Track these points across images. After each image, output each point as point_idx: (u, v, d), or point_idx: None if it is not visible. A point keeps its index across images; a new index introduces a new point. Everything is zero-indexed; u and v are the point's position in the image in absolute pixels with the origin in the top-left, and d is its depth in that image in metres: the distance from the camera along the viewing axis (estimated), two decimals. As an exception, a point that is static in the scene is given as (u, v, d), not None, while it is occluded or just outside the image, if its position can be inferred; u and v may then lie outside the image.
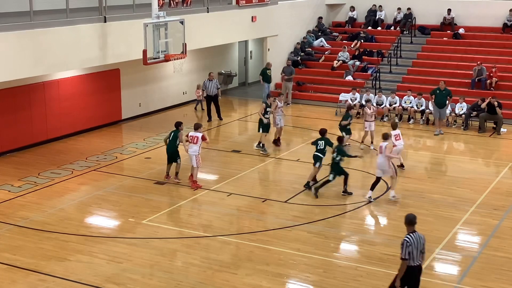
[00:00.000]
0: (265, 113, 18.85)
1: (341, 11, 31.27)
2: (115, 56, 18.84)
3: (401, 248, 9.43)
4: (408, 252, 9.34)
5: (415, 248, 9.38)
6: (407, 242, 9.35)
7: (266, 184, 16.98)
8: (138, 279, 11.37)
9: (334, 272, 11.73)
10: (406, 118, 23.27)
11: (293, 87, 26.46)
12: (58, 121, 20.14)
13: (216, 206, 15.00)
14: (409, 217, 9.60)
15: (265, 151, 18.89)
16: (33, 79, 18.59)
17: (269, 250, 12.59)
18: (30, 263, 11.89)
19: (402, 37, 28.19)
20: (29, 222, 13.86)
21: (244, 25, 24.93)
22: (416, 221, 9.66)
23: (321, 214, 14.52)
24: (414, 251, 9.38)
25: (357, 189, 16.27)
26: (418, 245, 9.42)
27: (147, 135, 21.00)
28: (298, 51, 28.36)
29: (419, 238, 9.46)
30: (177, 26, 18.58)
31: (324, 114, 24.32)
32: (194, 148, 15.80)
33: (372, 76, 26.18)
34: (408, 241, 9.35)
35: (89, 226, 13.79)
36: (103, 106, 21.80)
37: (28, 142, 19.26)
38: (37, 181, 16.50)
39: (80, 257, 12.22)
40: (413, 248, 9.36)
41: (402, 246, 9.41)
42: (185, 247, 12.75)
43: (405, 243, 9.36)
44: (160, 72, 23.88)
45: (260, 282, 11.30)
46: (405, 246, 9.36)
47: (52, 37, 16.71)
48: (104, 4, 18.22)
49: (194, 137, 15.85)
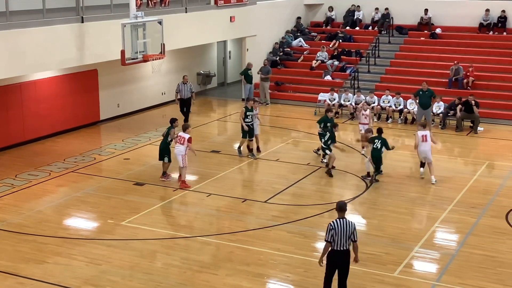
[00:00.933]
0: (245, 117, 18.46)
1: (320, 11, 31.38)
2: (92, 56, 18.71)
3: (326, 230, 9.91)
4: (331, 235, 9.79)
5: (339, 233, 9.77)
6: (330, 226, 9.83)
7: (245, 184, 16.99)
8: (118, 281, 11.30)
9: (315, 271, 11.73)
10: (384, 118, 23.42)
11: (272, 87, 26.49)
12: (35, 122, 19.95)
13: (195, 207, 14.97)
14: (339, 204, 10.11)
15: (252, 155, 18.61)
16: (10, 80, 18.39)
17: (249, 250, 12.59)
18: (8, 266, 11.76)
19: (380, 37, 28.38)
20: (6, 224, 13.71)
21: (223, 25, 24.90)
22: (346, 208, 10.17)
23: (300, 213, 14.55)
24: (337, 236, 9.77)
25: (337, 189, 16.35)
26: (345, 232, 9.80)
27: (126, 136, 20.88)
28: (277, 51, 28.40)
29: (347, 225, 9.85)
30: (156, 27, 18.52)
31: (303, 114, 24.39)
32: (180, 148, 15.78)
33: (351, 76, 26.31)
34: (332, 225, 9.83)
35: (67, 228, 13.67)
36: (81, 107, 21.64)
37: (5, 143, 19.06)
38: (14, 183, 16.33)
39: (59, 259, 12.12)
40: (336, 233, 9.76)
41: (327, 229, 9.89)
42: (164, 248, 12.70)
43: (329, 226, 9.85)
44: (139, 72, 23.77)
45: (241, 282, 11.29)
46: (328, 230, 9.85)
47: (29, 37, 16.55)
48: (81, 4, 18.09)
49: (181, 138, 15.84)
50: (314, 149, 18.80)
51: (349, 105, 23.87)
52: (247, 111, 18.43)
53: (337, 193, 16.05)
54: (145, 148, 19.59)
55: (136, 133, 20.88)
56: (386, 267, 11.87)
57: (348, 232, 9.85)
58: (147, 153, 18.99)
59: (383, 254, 12.41)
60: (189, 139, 15.80)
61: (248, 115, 18.40)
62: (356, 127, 22.79)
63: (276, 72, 27.13)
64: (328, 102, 24.14)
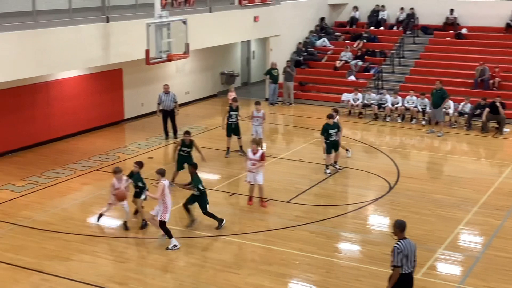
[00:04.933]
0: (229, 117, 18.48)
1: (344, 11, 31.28)
2: (117, 56, 18.85)
3: (392, 255, 9.11)
4: (400, 258, 9.00)
5: (405, 255, 9.03)
6: (397, 249, 9.01)
7: (268, 184, 16.95)
8: (141, 279, 11.38)
9: (337, 272, 11.73)
10: (408, 118, 23.26)
11: (296, 87, 26.47)
12: (61, 121, 20.17)
13: (218, 206, 15.00)
14: (401, 223, 9.24)
15: (242, 152, 18.57)
16: (36, 79, 18.62)
17: (272, 250, 12.60)
18: (33, 263, 11.91)
19: (405, 37, 28.19)
20: (32, 221, 13.88)
21: (247, 25, 24.93)
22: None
23: (323, 214, 14.52)
24: (405, 258, 9.03)
25: (360, 189, 16.30)
26: (409, 253, 9.08)
27: (150, 135, 21.01)
28: (301, 51, 28.37)
29: (410, 245, 9.14)
30: (180, 26, 18.58)
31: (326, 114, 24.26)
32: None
33: (375, 76, 26.18)
34: (398, 247, 9.02)
35: (91, 226, 13.79)
36: (105, 106, 21.83)
37: (31, 142, 19.30)
38: (40, 181, 16.53)
39: (83, 256, 12.24)
40: (404, 255, 9.01)
41: (393, 253, 9.07)
42: (187, 247, 12.75)
43: (396, 249, 9.02)
44: (163, 72, 23.90)
45: (263, 282, 11.30)
46: (396, 253, 9.02)
47: (55, 37, 16.72)
48: (106, 4, 18.24)
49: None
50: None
51: (373, 106, 23.76)
52: (231, 110, 18.54)
53: (359, 193, 15.99)
54: (169, 147, 19.69)
55: (160, 132, 20.98)
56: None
57: (411, 252, 9.12)
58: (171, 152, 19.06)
59: (406, 255, 12.32)
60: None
61: (232, 114, 18.51)
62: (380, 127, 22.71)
63: (300, 72, 27.09)
64: (352, 102, 24.06)
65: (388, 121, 23.28)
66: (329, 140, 17.08)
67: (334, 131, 17.07)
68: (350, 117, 23.95)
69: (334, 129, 17.09)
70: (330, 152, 17.21)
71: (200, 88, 26.74)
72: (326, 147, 17.14)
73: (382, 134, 22.25)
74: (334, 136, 17.09)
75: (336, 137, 17.12)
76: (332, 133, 17.04)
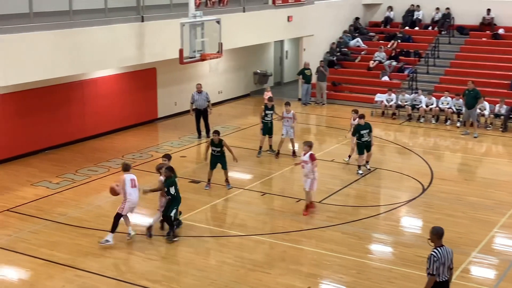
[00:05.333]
0: (265, 116, 18.60)
1: (378, 11, 31.06)
2: (151, 55, 19.01)
3: (427, 262, 8.92)
4: (436, 267, 8.78)
5: (442, 264, 8.80)
6: (434, 257, 8.79)
7: (300, 184, 16.92)
8: (173, 277, 11.47)
9: (368, 273, 11.66)
10: (443, 120, 23.01)
11: (329, 87, 26.38)
12: (95, 119, 20.43)
13: (250, 206, 15.04)
14: (439, 230, 8.98)
15: (272, 151, 18.84)
16: (72, 77, 18.89)
17: (303, 250, 12.58)
18: (67, 259, 12.08)
19: (440, 37, 27.87)
20: (66, 218, 14.08)
21: (280, 25, 24.92)
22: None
23: (355, 215, 14.44)
24: (441, 266, 8.81)
25: (392, 191, 16.17)
26: (446, 260, 8.86)
27: (182, 133, 21.15)
28: (334, 51, 28.25)
29: (447, 253, 8.91)
30: (214, 26, 18.66)
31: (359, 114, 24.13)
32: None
33: (409, 76, 25.94)
34: (435, 255, 8.79)
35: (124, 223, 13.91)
36: (139, 105, 22.04)
37: (66, 139, 19.58)
38: (74, 178, 16.76)
39: (116, 253, 12.37)
40: (440, 263, 8.79)
41: (429, 260, 8.88)
42: (219, 246, 12.81)
43: (432, 257, 8.80)
44: (196, 71, 24.03)
45: (293, 282, 11.29)
46: (432, 261, 8.79)
47: (91, 36, 16.93)
48: (141, 4, 18.41)
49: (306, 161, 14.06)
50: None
51: (407, 106, 23.54)
52: (266, 109, 18.62)
53: (392, 194, 15.87)
54: (202, 146, 19.79)
55: (192, 131, 21.08)
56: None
57: (448, 260, 8.91)
58: (203, 151, 19.16)
59: (439, 258, 12.19)
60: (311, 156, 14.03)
61: (268, 113, 18.58)
62: (414, 128, 22.51)
63: (333, 72, 26.99)
64: (385, 103, 23.88)
65: (422, 122, 23.05)
66: (361, 141, 17.00)
67: (366, 131, 16.98)
68: (383, 118, 23.78)
69: (366, 129, 16.99)
70: (362, 153, 17.12)
71: (233, 88, 26.82)
72: (358, 147, 17.07)
73: (416, 135, 22.04)
74: (366, 137, 16.99)
75: (368, 137, 17.02)
76: (364, 134, 16.96)
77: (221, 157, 15.84)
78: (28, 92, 18.02)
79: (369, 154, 17.32)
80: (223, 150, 15.83)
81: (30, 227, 13.55)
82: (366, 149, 17.16)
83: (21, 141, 18.22)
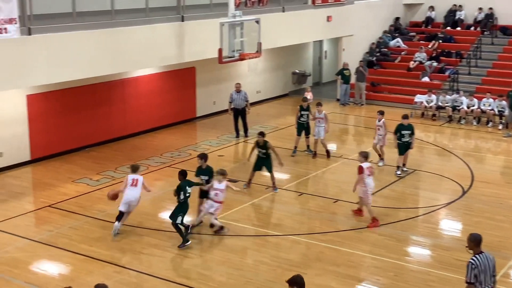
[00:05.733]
0: (300, 116, 18.63)
1: (419, 11, 30.72)
2: (191, 54, 19.15)
3: (466, 270, 8.64)
4: (474, 275, 8.46)
5: (482, 272, 8.48)
6: (472, 264, 8.49)
7: (338, 184, 16.88)
8: (210, 275, 11.54)
9: (406, 276, 11.55)
10: (484, 121, 22.64)
11: (368, 87, 26.19)
12: (135, 118, 20.69)
13: (287, 206, 15.04)
14: (476, 237, 8.65)
15: (310, 152, 18.84)
16: (112, 76, 19.18)
17: (340, 251, 12.53)
18: (106, 255, 12.26)
19: (483, 37, 27.42)
20: (106, 215, 14.28)
21: (320, 25, 24.84)
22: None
23: (393, 216, 14.32)
24: (481, 275, 8.48)
25: (431, 193, 15.99)
26: (486, 268, 8.53)
27: (221, 133, 21.25)
28: (374, 51, 28.04)
29: (488, 260, 8.58)
30: (253, 26, 18.70)
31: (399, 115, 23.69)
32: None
33: (450, 77, 25.58)
34: (473, 263, 8.48)
35: (163, 221, 14.07)
36: (178, 104, 22.24)
37: (107, 137, 19.88)
38: (114, 175, 16.99)
39: (154, 251, 12.50)
40: (479, 271, 8.47)
41: (467, 268, 8.63)
42: (255, 245, 12.84)
43: (470, 265, 8.50)
44: (235, 71, 24.12)
45: (330, 283, 11.26)
46: (470, 269, 8.49)
47: (132, 35, 17.14)
48: (182, 4, 18.56)
49: (371, 168, 13.84)
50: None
51: (447, 108, 23.24)
52: (301, 110, 18.65)
53: (431, 197, 15.69)
54: (239, 145, 19.86)
55: (231, 131, 21.17)
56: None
57: (489, 268, 8.58)
58: (240, 151, 19.26)
59: (479, 262, 12.00)
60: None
61: (303, 114, 18.60)
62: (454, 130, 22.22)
63: (372, 72, 26.79)
64: (425, 104, 23.62)
65: (462, 124, 22.74)
66: (401, 141, 16.85)
67: (408, 132, 16.81)
68: (423, 119, 23.51)
69: (408, 130, 16.83)
70: (403, 153, 16.96)
71: (271, 88, 26.84)
72: (399, 148, 16.93)
73: (456, 137, 21.74)
74: (407, 137, 16.83)
75: (409, 138, 16.85)
76: (404, 134, 16.80)
77: (267, 159, 15.77)
78: (70, 90, 18.35)
79: (405, 156, 17.13)
80: (268, 152, 15.79)
81: (71, 223, 13.80)
82: (406, 150, 17.00)
83: (63, 138, 18.57)
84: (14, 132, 17.40)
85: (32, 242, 12.86)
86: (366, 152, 13.95)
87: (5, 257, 12.15)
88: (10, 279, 11.29)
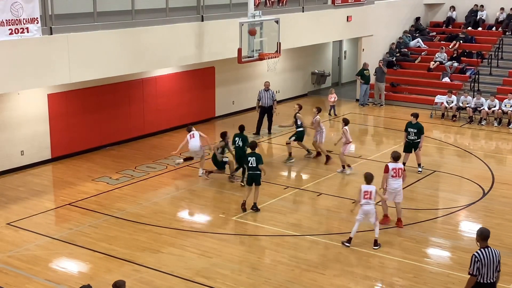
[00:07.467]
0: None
1: (440, 11, 30.49)
2: (210, 54, 19.19)
3: (470, 262, 8.93)
4: (477, 267, 8.79)
5: (484, 265, 8.78)
6: (475, 257, 8.83)
7: (356, 185, 16.76)
8: (227, 274, 11.56)
9: (425, 277, 11.48)
10: (505, 122, 22.42)
11: (387, 88, 26.06)
12: (154, 117, 20.78)
13: (305, 206, 15.01)
14: (483, 231, 8.98)
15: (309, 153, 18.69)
16: (132, 75, 19.29)
17: (358, 252, 12.48)
18: (125, 253, 12.33)
19: (504, 38, 27.14)
20: (125, 213, 14.37)
21: (339, 25, 24.76)
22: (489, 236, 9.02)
23: (412, 218, 14.23)
24: (484, 268, 8.78)
25: (451, 194, 15.87)
26: (490, 263, 8.81)
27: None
28: (394, 51, 27.89)
29: (493, 255, 8.86)
30: (272, 25, 18.69)
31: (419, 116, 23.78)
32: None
33: (471, 78, 25.37)
34: (477, 256, 8.82)
35: (181, 220, 14.14)
36: (197, 103, 22.29)
37: (127, 136, 19.99)
38: (133, 174, 17.08)
39: (172, 250, 12.55)
40: (482, 265, 8.77)
41: (471, 260, 8.91)
42: (273, 245, 12.84)
43: (474, 258, 8.84)
44: (254, 70, 24.13)
45: (348, 283, 11.22)
46: (473, 261, 8.84)
47: (152, 35, 17.23)
48: (202, 4, 18.61)
49: (398, 170, 13.61)
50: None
51: (468, 108, 23.05)
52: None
53: (450, 198, 15.57)
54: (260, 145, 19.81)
55: (249, 131, 21.15)
56: (502, 278, 11.34)
57: (495, 262, 8.88)
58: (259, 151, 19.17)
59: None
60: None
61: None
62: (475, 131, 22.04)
63: (391, 73, 26.66)
64: (446, 105, 23.45)
65: (483, 125, 22.54)
66: (408, 139, 16.85)
67: (413, 130, 16.79)
68: (443, 120, 23.35)
69: (414, 128, 16.80)
70: (407, 151, 16.91)
71: (290, 87, 26.82)
72: (404, 145, 16.93)
73: (477, 138, 21.56)
74: (412, 136, 16.78)
75: (414, 137, 16.79)
76: (410, 132, 16.78)
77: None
78: (90, 89, 18.49)
79: (417, 155, 17.06)
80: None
81: (90, 221, 13.89)
82: (414, 148, 16.94)
83: (83, 137, 18.71)
84: (35, 131, 17.57)
85: (52, 240, 12.98)
86: (396, 152, 13.81)
87: (25, 255, 12.27)
88: (31, 277, 11.41)
